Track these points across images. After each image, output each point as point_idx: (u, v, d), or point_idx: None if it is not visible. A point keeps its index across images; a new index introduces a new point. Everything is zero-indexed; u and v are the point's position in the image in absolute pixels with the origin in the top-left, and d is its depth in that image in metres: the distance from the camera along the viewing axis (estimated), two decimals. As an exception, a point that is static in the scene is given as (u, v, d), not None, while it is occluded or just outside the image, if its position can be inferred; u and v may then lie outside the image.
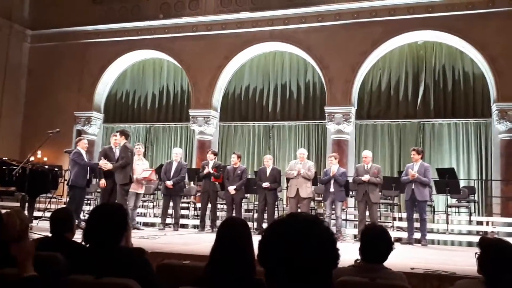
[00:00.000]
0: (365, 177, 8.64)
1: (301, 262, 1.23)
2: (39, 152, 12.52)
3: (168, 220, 9.84)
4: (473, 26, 11.36)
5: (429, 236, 8.84)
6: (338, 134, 12.29)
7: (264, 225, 9.34)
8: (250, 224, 9.75)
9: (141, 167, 9.66)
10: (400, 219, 10.40)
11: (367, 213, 8.75)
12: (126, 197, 8.54)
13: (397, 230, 9.70)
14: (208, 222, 9.74)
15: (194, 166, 12.78)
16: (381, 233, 2.96)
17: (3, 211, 3.04)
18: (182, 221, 10.43)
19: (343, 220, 9.86)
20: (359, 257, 2.90)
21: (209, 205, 9.74)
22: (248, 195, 10.85)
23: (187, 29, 13.76)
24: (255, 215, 9.99)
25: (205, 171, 9.60)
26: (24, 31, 15.26)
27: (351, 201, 11.20)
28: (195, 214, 11.35)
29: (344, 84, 12.26)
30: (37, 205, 9.67)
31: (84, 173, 8.62)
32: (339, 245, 1.29)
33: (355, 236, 9.27)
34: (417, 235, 8.53)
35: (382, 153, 12.49)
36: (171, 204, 9.77)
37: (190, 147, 14.14)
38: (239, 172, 9.56)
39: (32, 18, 15.41)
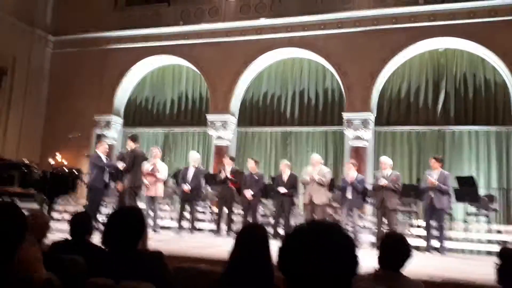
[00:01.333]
0: (383, 181, 8.56)
1: (321, 269, 1.22)
2: (58, 155, 12.71)
3: (185, 224, 9.88)
4: (495, 33, 11.21)
5: (447, 244, 8.71)
6: (356, 141, 12.22)
7: (279, 230, 9.32)
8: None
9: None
10: (418, 226, 10.27)
11: (385, 221, 8.67)
12: (134, 200, 8.58)
13: (415, 238, 9.57)
14: (224, 226, 9.75)
15: (211, 171, 12.81)
16: (400, 240, 2.94)
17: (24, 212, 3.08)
18: (198, 225, 10.46)
19: (360, 227, 9.76)
20: (378, 265, 2.87)
21: (226, 210, 9.74)
22: (264, 201, 10.84)
23: (206, 35, 13.86)
24: (271, 220, 9.96)
25: (222, 176, 9.62)
26: (46, 37, 15.55)
27: (368, 208, 11.10)
28: (212, 218, 11.37)
29: (363, 91, 12.20)
30: (57, 207, 9.78)
31: (102, 175, 8.73)
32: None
33: (372, 244, 9.18)
34: (436, 243, 8.40)
35: (401, 160, 12.36)
36: (187, 208, 9.81)
37: (208, 152, 14.20)
38: (256, 177, 9.56)
39: (54, 24, 15.69)
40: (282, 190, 9.29)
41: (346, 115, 12.32)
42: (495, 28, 11.23)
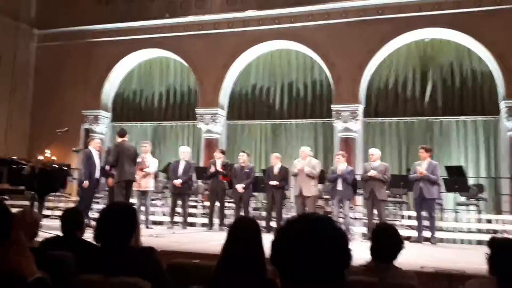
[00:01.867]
0: (371, 172, 8.62)
1: (314, 262, 1.23)
2: (47, 151, 12.60)
3: (177, 219, 9.87)
4: (481, 23, 11.29)
5: (438, 234, 8.81)
6: (345, 132, 12.27)
7: (272, 224, 9.35)
8: (258, 222, 9.80)
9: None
10: (409, 217, 10.37)
11: (375, 211, 8.73)
12: (122, 195, 8.52)
13: (406, 229, 9.67)
14: (216, 220, 9.76)
15: (202, 165, 12.80)
16: (392, 231, 2.96)
17: (13, 210, 3.06)
18: (190, 219, 10.46)
19: (351, 218, 9.83)
20: (370, 257, 2.90)
21: (218, 204, 9.75)
22: (256, 194, 10.86)
23: (193, 28, 13.77)
24: (263, 214, 9.99)
25: (213, 170, 9.62)
26: (31, 31, 15.35)
27: (359, 199, 11.17)
28: (204, 212, 11.38)
29: (351, 82, 12.23)
30: (46, 204, 9.73)
31: (92, 172, 8.72)
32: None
33: (363, 235, 9.26)
34: (426, 234, 8.49)
35: (390, 151, 12.44)
36: (179, 202, 9.80)
37: (198, 145, 14.17)
38: (247, 170, 9.57)
39: (38, 17, 15.49)
40: (273, 182, 9.31)
41: (334, 107, 12.35)
42: (481, 18, 11.29)
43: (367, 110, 12.64)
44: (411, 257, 5.71)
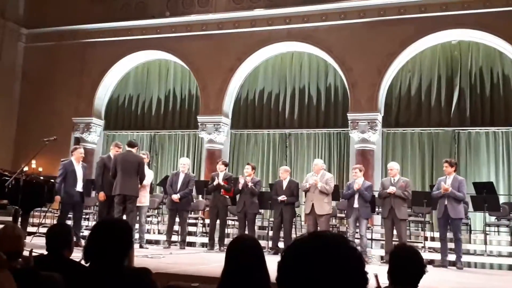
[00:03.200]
0: (391, 189, 8.58)
1: (326, 286, 1.22)
2: (33, 161, 12.67)
3: (174, 238, 9.85)
4: (513, 23, 11.27)
5: (464, 258, 8.73)
6: (362, 144, 12.24)
7: (280, 244, 9.31)
8: (264, 243, 9.74)
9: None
10: (433, 238, 10.29)
11: (395, 232, 8.68)
12: (117, 210, 8.58)
13: (429, 251, 9.60)
14: (217, 240, 9.73)
15: (202, 178, 12.81)
16: (412, 254, 2.94)
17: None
18: (189, 238, 10.44)
19: (369, 239, 9.78)
20: (386, 282, 2.88)
21: (219, 221, 9.73)
22: (262, 211, 10.84)
23: (196, 28, 13.87)
24: (270, 233, 9.96)
25: (215, 183, 9.62)
26: (18, 30, 15.52)
27: (377, 219, 11.12)
28: (204, 231, 11.36)
29: (369, 88, 12.23)
30: (31, 220, 9.76)
31: (69, 186, 8.75)
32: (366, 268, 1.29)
33: (381, 258, 9.19)
34: (452, 257, 8.42)
35: (412, 165, 12.39)
36: (177, 220, 9.79)
37: (199, 157, 14.20)
38: (252, 185, 9.54)
39: (27, 16, 15.67)
40: (282, 198, 9.29)
41: (351, 116, 12.34)
42: (513, 18, 11.27)
43: (387, 119, 12.62)
44: (435, 283, 5.66)
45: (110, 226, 2.60)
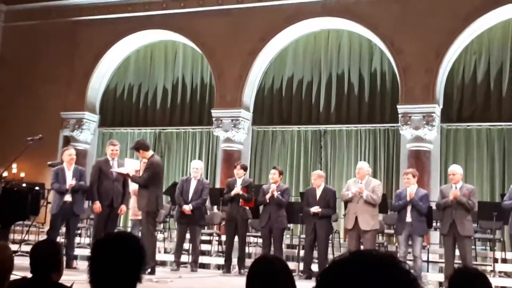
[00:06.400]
0: (453, 192, 8.48)
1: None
2: (14, 165, 12.85)
3: (184, 258, 9.91)
4: None
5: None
6: (416, 143, 12.15)
7: (314, 267, 9.29)
8: (294, 265, 9.73)
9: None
10: (504, 260, 10.17)
11: (457, 252, 8.60)
12: (153, 231, 8.79)
13: (499, 276, 9.49)
14: (235, 261, 9.76)
15: (218, 185, 12.86)
16: (478, 280, 2.92)
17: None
18: (202, 259, 10.49)
19: (424, 261, 9.71)
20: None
21: (238, 238, 9.76)
22: (291, 225, 10.83)
23: (209, 2, 13.92)
24: (301, 253, 9.95)
25: (233, 193, 9.64)
26: (-4, 6, 15.74)
27: (435, 236, 11.03)
28: (219, 250, 11.40)
29: (424, 75, 12.13)
30: (11, 236, 9.91)
31: (59, 196, 8.99)
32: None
33: (440, 284, 9.13)
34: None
35: (478, 169, 12.25)
36: (187, 236, 9.85)
37: (213, 159, 14.24)
38: (279, 193, 9.54)
39: (6, -11, 15.89)
40: (315, 209, 9.28)
41: (401, 108, 12.26)
42: None
43: (447, 112, 12.51)
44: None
45: (117, 241, 2.54)
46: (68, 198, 9.04)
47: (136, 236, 2.73)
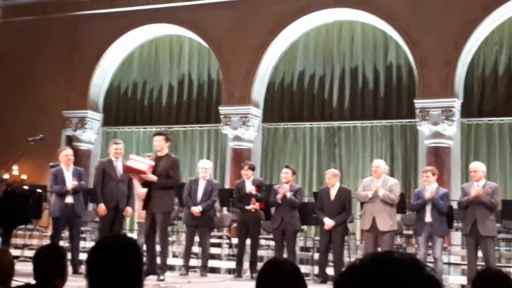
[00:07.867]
0: (475, 190, 8.45)
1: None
2: (15, 167, 12.91)
3: (193, 262, 9.92)
4: None
5: None
6: (435, 139, 12.12)
7: (329, 271, 9.28)
8: (308, 268, 9.72)
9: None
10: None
11: (479, 254, 8.58)
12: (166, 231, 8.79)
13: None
14: (246, 264, 9.77)
15: (227, 186, 12.87)
16: (502, 282, 2.91)
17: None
18: (212, 263, 10.50)
19: (445, 263, 9.68)
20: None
21: (249, 241, 9.77)
22: (305, 227, 10.82)
23: (216, -7, 13.94)
24: (316, 256, 9.94)
25: (247, 191, 9.61)
26: (-7, 1, 15.81)
27: (456, 236, 11.00)
28: (230, 253, 11.41)
29: (443, 67, 12.09)
30: (13, 240, 9.96)
31: (60, 198, 9.00)
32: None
33: (462, 287, 9.10)
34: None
35: (501, 166, 12.21)
36: (196, 239, 9.86)
37: (222, 158, 14.25)
38: (292, 194, 9.54)
39: (4, -17, 15.95)
40: (330, 224, 9.24)
41: (419, 103, 12.22)
42: None
43: (467, 107, 12.47)
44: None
45: (115, 245, 2.57)
46: (69, 200, 9.07)
47: (131, 238, 2.74)
